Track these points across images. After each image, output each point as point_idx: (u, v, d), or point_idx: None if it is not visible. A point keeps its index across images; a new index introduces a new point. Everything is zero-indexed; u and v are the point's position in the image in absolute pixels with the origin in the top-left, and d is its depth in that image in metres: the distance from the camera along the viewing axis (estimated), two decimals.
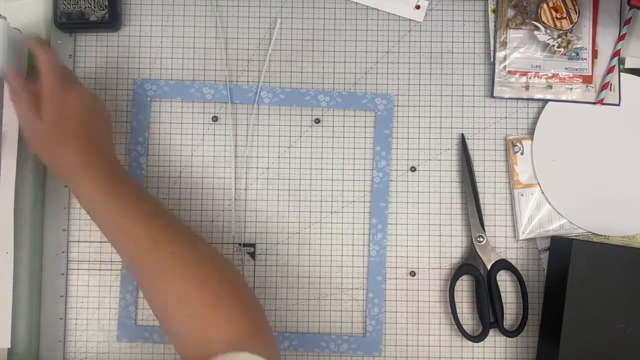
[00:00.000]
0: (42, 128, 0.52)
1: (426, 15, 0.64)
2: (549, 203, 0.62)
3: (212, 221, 0.62)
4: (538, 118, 0.62)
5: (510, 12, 0.63)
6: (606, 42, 0.63)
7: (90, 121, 0.54)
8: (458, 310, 0.61)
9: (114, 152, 0.56)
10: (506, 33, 0.63)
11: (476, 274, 0.61)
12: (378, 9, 0.64)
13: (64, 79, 0.54)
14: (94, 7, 0.61)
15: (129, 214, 0.50)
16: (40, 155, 0.54)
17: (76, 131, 0.52)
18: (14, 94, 0.55)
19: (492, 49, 0.63)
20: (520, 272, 0.61)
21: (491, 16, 0.63)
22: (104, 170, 0.52)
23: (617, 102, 0.62)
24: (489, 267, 0.61)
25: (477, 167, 0.63)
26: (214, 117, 0.63)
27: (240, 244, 0.62)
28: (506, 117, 0.63)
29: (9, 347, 0.58)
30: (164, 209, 0.55)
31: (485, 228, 0.62)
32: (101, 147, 0.54)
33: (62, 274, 0.61)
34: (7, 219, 0.58)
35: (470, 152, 0.63)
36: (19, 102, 0.54)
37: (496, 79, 0.63)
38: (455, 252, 0.62)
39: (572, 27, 0.62)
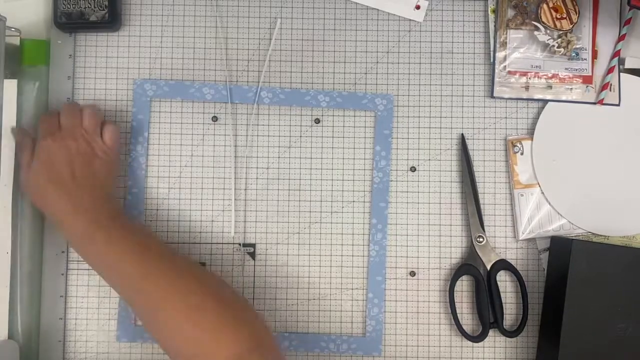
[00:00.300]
0: (30, 173, 0.56)
1: (426, 15, 0.64)
2: (549, 203, 0.62)
3: (212, 221, 0.62)
4: (538, 118, 0.62)
5: (510, 12, 0.63)
6: (606, 42, 0.63)
7: (79, 169, 0.55)
8: (458, 310, 0.61)
9: (104, 195, 0.57)
10: (506, 33, 0.63)
11: (476, 274, 0.61)
12: (378, 9, 0.64)
13: (57, 128, 0.57)
14: (94, 7, 0.61)
15: (114, 252, 0.52)
16: (30, 197, 0.57)
17: (59, 179, 0.55)
18: (18, 141, 0.59)
19: (492, 49, 0.63)
20: (520, 272, 0.61)
21: (491, 16, 0.63)
22: (88, 212, 0.54)
23: (617, 102, 0.62)
24: (488, 267, 0.61)
25: (477, 167, 0.63)
26: (214, 117, 0.63)
27: (240, 244, 0.62)
28: (506, 117, 0.63)
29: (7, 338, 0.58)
30: (154, 239, 0.57)
31: (485, 228, 0.62)
32: (88, 192, 0.55)
33: (62, 274, 0.61)
34: (6, 219, 0.58)
35: (470, 152, 0.63)
36: (19, 148, 0.58)
37: (496, 79, 0.63)
38: (455, 252, 0.62)
39: (572, 27, 0.62)
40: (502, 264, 0.61)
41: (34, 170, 0.55)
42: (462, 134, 0.63)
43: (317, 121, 0.63)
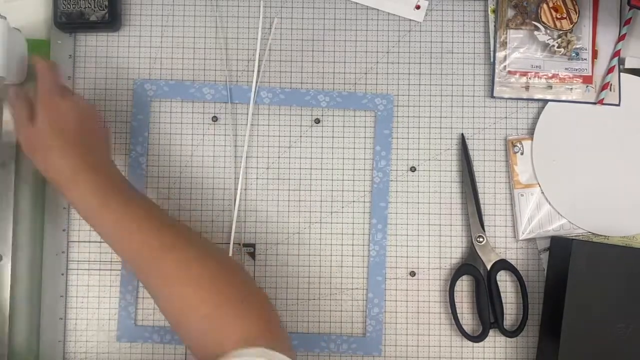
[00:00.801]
0: (35, 133, 0.52)
1: (426, 15, 0.64)
2: (549, 203, 0.62)
3: (212, 221, 0.62)
4: (538, 118, 0.62)
5: (510, 12, 0.63)
6: (606, 42, 0.63)
7: (83, 129, 0.53)
8: (458, 310, 0.61)
9: (109, 159, 0.56)
10: (506, 33, 0.63)
11: (476, 274, 0.61)
12: (378, 9, 0.64)
13: (60, 88, 0.55)
14: (94, 7, 0.61)
15: (125, 220, 0.50)
16: (33, 160, 0.54)
17: (68, 137, 0.52)
18: (11, 99, 0.55)
19: (492, 49, 0.63)
20: (520, 272, 0.61)
21: (491, 16, 0.63)
22: (97, 176, 0.51)
23: (617, 102, 0.62)
24: (489, 267, 0.61)
25: (477, 167, 0.63)
26: (214, 117, 0.63)
27: (240, 244, 0.62)
28: (506, 117, 0.63)
29: (8, 341, 0.58)
30: (163, 211, 0.54)
31: (485, 228, 0.62)
32: (94, 154, 0.53)
33: (62, 274, 0.61)
34: (7, 218, 0.58)
35: (470, 152, 0.63)
36: (14, 107, 0.55)
37: (496, 79, 0.63)
38: (455, 252, 0.62)
39: (572, 27, 0.62)
40: (502, 264, 0.61)
41: (39, 130, 0.52)
42: (462, 134, 0.63)
43: (317, 121, 0.63)
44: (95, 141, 0.54)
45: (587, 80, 0.63)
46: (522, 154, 0.62)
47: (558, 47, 0.62)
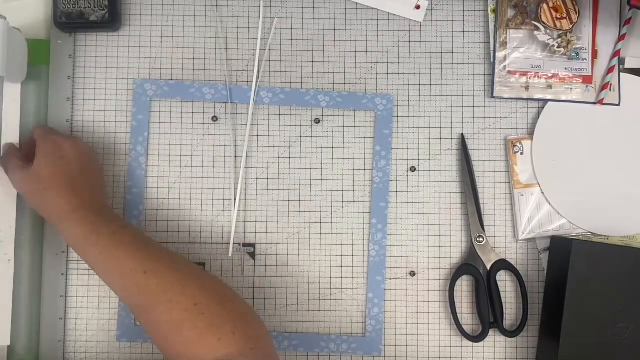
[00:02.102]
0: (31, 175, 0.55)
1: (426, 15, 0.64)
2: (549, 203, 0.62)
3: (212, 221, 0.62)
4: (538, 118, 0.62)
5: (510, 12, 0.63)
6: (606, 42, 0.63)
7: (80, 171, 0.56)
8: (458, 310, 0.61)
9: (103, 197, 0.58)
10: (506, 33, 0.63)
11: (476, 274, 0.61)
12: (378, 9, 0.64)
13: (56, 133, 0.58)
14: (94, 7, 0.61)
15: (111, 251, 0.52)
16: (26, 198, 0.57)
17: (63, 180, 0.54)
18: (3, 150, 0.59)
19: (492, 49, 0.63)
20: (520, 272, 0.61)
21: (491, 16, 0.63)
22: (86, 210, 0.54)
23: (617, 102, 0.62)
24: (488, 267, 0.61)
25: (477, 167, 0.63)
26: (214, 117, 0.63)
27: (240, 244, 0.62)
28: (506, 117, 0.63)
29: (9, 344, 0.58)
30: (150, 240, 0.56)
31: (485, 228, 0.62)
32: (88, 193, 0.55)
33: (62, 274, 0.61)
34: (10, 219, 0.58)
35: (470, 152, 0.63)
36: (7, 152, 0.58)
37: (496, 79, 0.63)
38: (455, 252, 0.62)
39: (572, 27, 0.62)
40: (502, 264, 0.61)
41: (34, 171, 0.55)
42: (462, 134, 0.63)
43: (317, 121, 0.63)
44: (91, 182, 0.57)
45: (587, 80, 0.63)
46: (522, 154, 0.62)
47: (558, 47, 0.62)
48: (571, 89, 0.62)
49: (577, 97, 0.62)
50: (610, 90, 0.62)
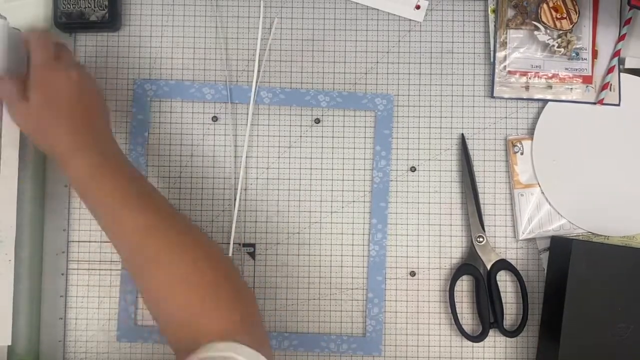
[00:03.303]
0: (28, 109, 0.51)
1: (426, 15, 0.64)
2: (549, 203, 0.62)
3: (212, 221, 0.62)
4: (538, 118, 0.62)
5: (510, 12, 0.63)
6: (606, 42, 0.63)
7: (80, 103, 0.52)
8: (458, 310, 0.61)
9: (107, 132, 0.54)
10: (506, 33, 0.63)
11: (476, 274, 0.61)
12: (378, 9, 0.64)
13: (54, 60, 0.53)
14: (94, 7, 0.61)
15: (116, 196, 0.49)
16: (29, 136, 0.53)
17: (62, 113, 0.51)
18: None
19: (492, 49, 0.63)
20: (520, 272, 0.61)
21: (491, 16, 0.63)
22: (94, 149, 0.51)
23: (617, 102, 0.62)
24: (489, 267, 0.61)
25: (477, 167, 0.63)
26: (214, 117, 0.63)
27: (240, 244, 0.62)
28: (506, 117, 0.63)
29: (9, 344, 0.58)
30: (156, 192, 0.53)
31: (485, 228, 0.62)
32: (91, 129, 0.52)
33: (62, 274, 0.61)
34: (10, 218, 0.58)
35: (470, 152, 0.63)
36: (2, 85, 0.53)
37: (496, 79, 0.63)
38: (455, 252, 0.62)
39: (572, 27, 0.62)
40: (502, 264, 0.61)
41: (34, 104, 0.51)
42: (462, 134, 0.63)
43: (317, 121, 0.63)
44: (92, 109, 0.53)
45: (587, 80, 0.63)
46: (522, 154, 0.62)
47: (558, 47, 0.62)
48: (571, 89, 0.62)
49: (577, 97, 0.62)
50: (610, 90, 0.62)
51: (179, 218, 0.52)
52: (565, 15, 0.62)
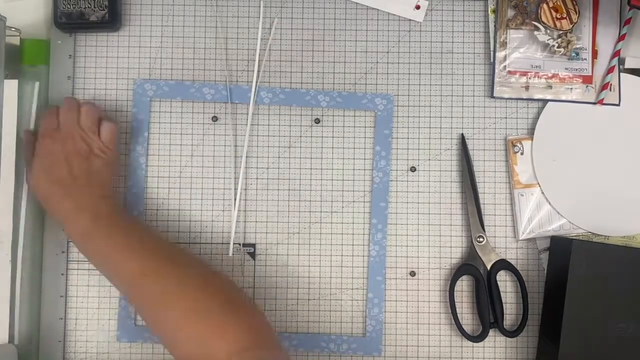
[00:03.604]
0: (30, 174, 0.56)
1: (426, 15, 0.64)
2: (549, 203, 0.62)
3: (212, 221, 0.62)
4: (538, 118, 0.62)
5: (510, 12, 0.63)
6: (606, 42, 0.63)
7: (78, 166, 0.55)
8: (458, 310, 0.61)
9: (104, 193, 0.57)
10: (506, 33, 0.63)
11: (476, 274, 0.61)
12: (378, 9, 0.64)
13: (52, 130, 0.56)
14: (94, 7, 0.61)
15: (110, 251, 0.53)
16: (36, 195, 0.57)
17: (59, 176, 0.55)
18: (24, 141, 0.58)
19: (492, 49, 0.63)
20: (520, 272, 0.61)
21: (491, 16, 0.63)
22: (87, 212, 0.54)
23: (617, 102, 0.62)
24: (489, 267, 0.61)
25: (477, 167, 0.63)
26: (214, 117, 0.63)
27: (240, 244, 0.62)
28: (506, 117, 0.63)
29: (7, 341, 0.58)
30: (151, 235, 0.57)
31: (485, 228, 0.62)
32: (86, 192, 0.55)
33: (62, 274, 0.61)
34: (10, 219, 0.58)
35: (470, 152, 0.63)
36: (24, 146, 0.58)
37: (496, 79, 0.63)
38: (455, 252, 0.62)
39: (572, 27, 0.62)
40: (502, 264, 0.61)
41: (34, 170, 0.56)
42: (462, 134, 0.63)
43: (317, 121, 0.63)
44: (89, 178, 0.56)
45: (587, 80, 0.63)
46: (522, 154, 0.62)
47: (558, 47, 0.62)
48: (571, 89, 0.62)
49: (577, 97, 0.62)
50: (610, 90, 0.62)
51: (180, 257, 0.55)
52: (565, 15, 0.62)
